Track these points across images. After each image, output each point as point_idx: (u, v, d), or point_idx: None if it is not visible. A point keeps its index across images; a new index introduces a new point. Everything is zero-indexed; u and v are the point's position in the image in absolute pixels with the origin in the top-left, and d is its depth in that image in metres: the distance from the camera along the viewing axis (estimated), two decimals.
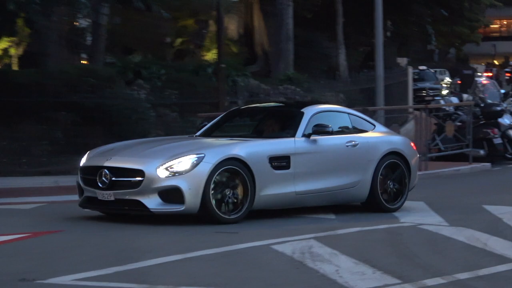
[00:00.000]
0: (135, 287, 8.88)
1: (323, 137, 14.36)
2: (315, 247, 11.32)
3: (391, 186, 14.97)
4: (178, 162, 12.92)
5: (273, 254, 10.98)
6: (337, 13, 36.94)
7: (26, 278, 9.27)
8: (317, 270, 9.89)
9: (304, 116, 14.46)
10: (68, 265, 10.08)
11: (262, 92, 27.39)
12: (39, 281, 9.17)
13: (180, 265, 10.21)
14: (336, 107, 16.56)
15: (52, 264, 10.20)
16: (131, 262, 10.19)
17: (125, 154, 13.67)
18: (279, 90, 27.80)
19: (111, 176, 13.01)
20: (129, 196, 12.97)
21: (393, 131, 17.42)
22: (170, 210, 13.01)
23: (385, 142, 15.17)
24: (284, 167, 13.73)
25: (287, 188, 13.80)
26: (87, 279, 9.29)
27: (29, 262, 10.35)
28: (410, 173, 15.16)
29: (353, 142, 14.68)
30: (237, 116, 16.65)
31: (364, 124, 15.39)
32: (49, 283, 9.11)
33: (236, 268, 10.08)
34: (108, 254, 10.89)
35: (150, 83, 25.03)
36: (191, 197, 12.83)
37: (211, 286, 8.94)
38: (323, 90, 29.96)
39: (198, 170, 12.85)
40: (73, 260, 10.49)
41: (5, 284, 9.02)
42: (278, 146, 14.01)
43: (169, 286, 8.88)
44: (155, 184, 12.86)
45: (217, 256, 10.80)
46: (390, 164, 14.94)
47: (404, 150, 15.22)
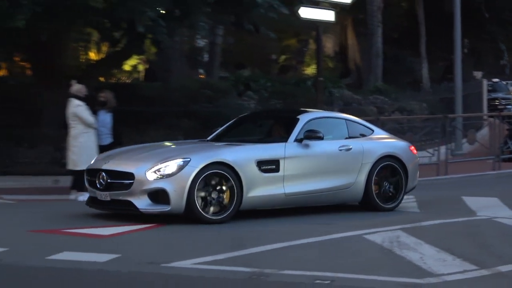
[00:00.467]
0: (245, 271, 8.90)
1: (316, 142, 13.56)
2: (402, 237, 11.25)
3: (387, 187, 14.12)
4: (166, 166, 12.41)
5: (365, 243, 10.96)
6: (420, 32, 36.61)
7: (153, 261, 9.42)
8: (404, 257, 9.85)
9: (299, 123, 13.69)
10: (188, 251, 10.20)
11: (354, 102, 27.30)
12: (164, 264, 9.29)
13: (284, 252, 10.23)
14: (333, 113, 15.77)
15: (174, 250, 10.33)
16: (242, 249, 10.27)
17: (122, 158, 13.29)
18: (369, 100, 27.67)
19: (107, 178, 12.65)
20: (122, 196, 12.56)
21: (394, 136, 15.88)
22: (158, 210, 12.46)
23: (380, 146, 14.22)
24: (273, 170, 13.02)
25: (276, 190, 13.04)
26: (204, 263, 9.39)
27: (156, 248, 10.54)
28: (407, 175, 14.25)
29: (347, 147, 13.84)
30: (245, 121, 15.88)
31: (361, 130, 14.47)
32: (173, 266, 9.22)
33: (332, 255, 10.07)
34: (221, 242, 10.95)
35: (258, 94, 25.19)
36: (176, 198, 12.27)
37: (311, 270, 8.89)
38: (408, 99, 29.72)
39: (183, 173, 12.29)
40: (192, 247, 10.62)
41: (136, 266, 9.20)
42: (267, 151, 13.26)
43: (274, 269, 8.89)
44: (144, 186, 12.39)
45: (315, 244, 10.80)
46: (386, 166, 14.07)
47: (400, 153, 14.30)
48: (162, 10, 16.40)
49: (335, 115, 15.35)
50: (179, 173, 12.26)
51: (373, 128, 14.78)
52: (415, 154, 14.91)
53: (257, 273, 8.79)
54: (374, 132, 14.57)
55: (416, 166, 14.86)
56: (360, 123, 14.73)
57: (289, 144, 13.33)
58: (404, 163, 14.20)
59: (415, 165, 14.73)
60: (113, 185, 12.61)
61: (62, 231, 11.81)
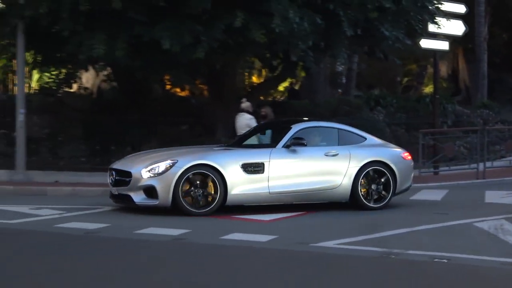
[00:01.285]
0: (377, 250, 8.80)
1: (304, 148, 12.77)
2: (505, 225, 10.85)
3: (374, 189, 13.00)
4: (157, 166, 11.99)
5: (474, 229, 10.63)
6: None
7: (303, 242, 9.43)
8: (507, 241, 9.55)
9: (290, 131, 12.92)
10: (330, 234, 10.14)
11: (464, 115, 26.58)
12: (312, 244, 9.30)
13: (408, 235, 10.07)
14: (327, 123, 14.25)
15: (319, 233, 10.27)
16: (375, 233, 10.15)
17: (130, 159, 13.05)
18: (476, 113, 26.79)
19: (115, 175, 12.45)
20: (124, 191, 12.26)
21: (388, 143, 14.60)
22: (149, 204, 12.02)
23: (368, 153, 13.10)
24: (258, 171, 12.23)
25: (260, 189, 12.29)
26: (344, 243, 9.33)
27: (305, 231, 10.52)
28: (396, 179, 13.10)
29: (333, 152, 12.87)
30: (260, 130, 15.00)
31: (353, 138, 13.38)
32: (318, 245, 9.20)
33: (447, 239, 9.82)
34: (356, 227, 10.83)
35: (386, 109, 24.82)
36: (163, 194, 11.78)
37: (430, 251, 8.73)
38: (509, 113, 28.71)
39: (170, 173, 11.84)
40: (333, 231, 10.54)
41: (290, 245, 9.20)
42: (253, 155, 12.53)
43: (401, 250, 8.77)
44: (139, 183, 12.02)
45: (433, 230, 10.57)
46: (373, 170, 12.98)
47: (388, 159, 13.12)
48: (311, 43, 16.38)
49: (328, 124, 13.97)
50: (167, 173, 11.88)
51: (366, 136, 13.64)
52: (407, 160, 13.59)
53: (387, 252, 8.67)
54: (367, 140, 13.52)
55: (407, 170, 13.56)
56: (353, 132, 13.61)
57: (276, 149, 12.63)
58: (392, 168, 13.09)
59: (406, 170, 13.46)
60: (119, 182, 12.38)
61: (232, 217, 11.96)
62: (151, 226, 10.50)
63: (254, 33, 15.61)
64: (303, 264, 8.14)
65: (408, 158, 13.65)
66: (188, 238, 9.64)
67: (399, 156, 13.50)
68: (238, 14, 15.38)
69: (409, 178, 13.69)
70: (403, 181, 13.40)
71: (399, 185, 13.27)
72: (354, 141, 13.36)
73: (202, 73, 17.49)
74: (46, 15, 15.61)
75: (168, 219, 11.40)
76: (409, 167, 13.72)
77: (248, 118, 16.22)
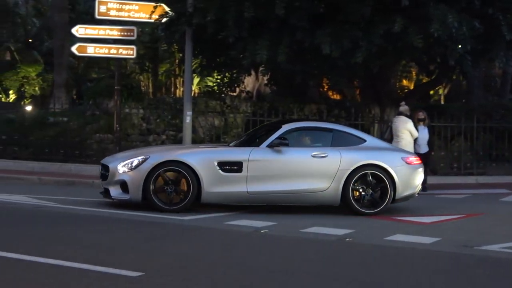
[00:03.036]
0: None
1: (290, 148, 12.09)
2: None
3: (369, 193, 12.12)
4: (131, 162, 11.77)
5: None
6: None
7: (467, 245, 9.38)
8: None
9: (278, 131, 12.30)
10: (494, 237, 10.05)
11: None
12: (476, 247, 9.24)
13: None
14: (319, 124, 13.53)
15: (483, 236, 10.20)
16: None
17: (118, 154, 13.02)
18: None
19: (102, 170, 12.37)
20: (105, 185, 12.14)
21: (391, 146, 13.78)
22: (122, 199, 11.79)
23: (362, 155, 12.15)
24: (236, 170, 11.70)
25: (238, 188, 11.73)
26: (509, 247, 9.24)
27: (467, 234, 10.41)
28: (394, 184, 12.09)
29: (322, 154, 12.05)
30: (257, 130, 14.49)
31: (350, 140, 12.42)
32: (482, 249, 9.15)
33: None
34: None
35: None
36: (134, 189, 11.59)
37: None
38: None
39: (141, 168, 11.57)
40: (497, 234, 10.42)
41: (454, 248, 9.19)
42: (231, 153, 12.05)
43: None
44: (114, 178, 11.85)
45: None
46: (368, 174, 12.06)
47: (386, 163, 12.10)
48: (469, 47, 16.11)
49: (321, 125, 13.17)
50: (138, 168, 11.69)
51: (366, 138, 12.69)
52: (412, 165, 12.48)
53: None
54: (366, 143, 12.55)
55: (411, 176, 12.43)
56: (350, 133, 12.67)
57: (258, 149, 12.05)
58: (389, 172, 12.12)
59: (408, 175, 12.37)
60: (103, 176, 12.33)
61: (393, 218, 12.00)
62: (316, 225, 10.74)
63: (412, 38, 15.57)
64: (469, 267, 8.13)
65: (413, 163, 12.55)
66: (354, 238, 9.81)
67: (400, 160, 12.41)
68: (397, 20, 15.43)
69: (413, 184, 12.51)
70: (405, 187, 12.31)
71: (400, 191, 12.23)
72: (351, 143, 12.45)
73: (359, 76, 17.58)
74: (213, 22, 16.25)
75: (332, 219, 11.61)
76: (414, 172, 12.54)
77: (406, 121, 16.19)
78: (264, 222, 10.95)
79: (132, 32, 18.38)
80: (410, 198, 12.73)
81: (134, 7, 18.22)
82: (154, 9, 17.84)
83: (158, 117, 20.46)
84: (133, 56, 18.81)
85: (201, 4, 16.65)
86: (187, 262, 7.83)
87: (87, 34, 18.52)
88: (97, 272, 7.07)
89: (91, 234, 9.38)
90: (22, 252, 7.80)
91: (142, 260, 7.75)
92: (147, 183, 11.58)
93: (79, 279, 6.77)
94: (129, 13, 18.21)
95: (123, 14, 18.19)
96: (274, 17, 15.78)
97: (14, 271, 7.04)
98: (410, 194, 12.53)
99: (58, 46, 28.47)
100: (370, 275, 7.52)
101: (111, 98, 20.46)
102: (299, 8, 15.78)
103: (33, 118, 22.09)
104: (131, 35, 18.40)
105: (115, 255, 7.99)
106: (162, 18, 17.89)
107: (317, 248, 9.16)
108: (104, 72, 39.51)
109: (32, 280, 6.70)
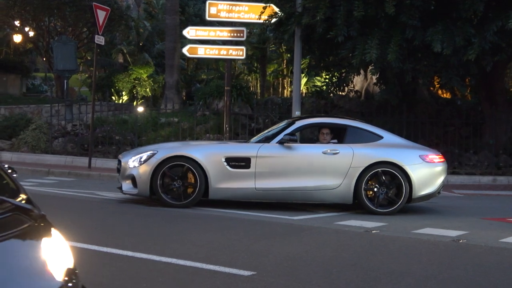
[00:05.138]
0: None
1: (300, 145, 11.99)
2: None
3: (383, 192, 11.67)
4: (140, 157, 11.64)
5: None
6: None
7: None
8: None
9: (291, 126, 12.07)
10: None
11: None
12: None
13: None
14: (334, 120, 12.78)
15: None
16: None
17: (133, 150, 12.96)
18: None
19: (118, 165, 12.31)
20: (119, 180, 12.09)
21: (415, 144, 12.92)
22: (132, 193, 11.78)
23: (377, 153, 11.70)
24: (243, 166, 11.50)
25: (246, 184, 11.52)
26: None
27: None
28: (411, 183, 11.61)
29: (334, 151, 11.71)
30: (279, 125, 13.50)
31: (365, 136, 11.98)
32: None
33: None
34: None
35: None
36: (141, 184, 11.54)
37: None
38: None
39: (149, 163, 11.50)
40: None
41: None
42: (240, 149, 11.84)
43: None
44: (126, 172, 11.74)
45: None
46: (383, 172, 11.61)
47: (402, 161, 11.63)
48: None
49: (336, 121, 12.64)
50: (146, 163, 11.58)
51: (383, 135, 12.16)
52: (432, 163, 11.93)
53: None
54: (383, 139, 12.05)
55: (430, 175, 11.89)
56: (366, 129, 12.18)
57: (268, 145, 11.79)
58: (405, 170, 11.64)
59: (427, 174, 11.84)
60: (118, 170, 12.31)
61: (508, 219, 11.62)
62: (427, 226, 10.52)
63: None
64: None
65: (433, 161, 12.01)
66: (468, 240, 9.53)
67: (418, 158, 11.88)
68: (511, 15, 14.94)
69: (432, 183, 11.99)
70: (423, 186, 11.84)
71: (417, 190, 11.77)
72: (366, 140, 12.03)
73: (472, 74, 17.12)
74: (322, 22, 16.20)
75: (443, 220, 11.36)
76: (434, 171, 12.01)
77: None
78: (374, 222, 10.80)
79: (242, 33, 18.55)
80: (431, 198, 12.27)
81: (243, 8, 18.39)
82: (264, 10, 17.95)
83: (266, 117, 20.56)
84: (242, 57, 18.97)
85: (310, 4, 16.63)
86: (299, 262, 7.79)
87: (197, 35, 18.83)
88: (209, 270, 7.14)
89: (204, 233, 9.49)
90: (138, 250, 7.98)
91: (253, 259, 7.77)
92: (154, 178, 11.60)
93: (192, 277, 6.85)
94: (239, 14, 18.40)
95: (233, 15, 18.39)
96: (384, 15, 15.60)
97: (132, 268, 7.20)
98: (429, 193, 12.03)
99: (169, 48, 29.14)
100: (487, 278, 7.28)
101: (221, 99, 20.73)
102: (409, 6, 15.54)
103: (146, 118, 22.63)
104: (241, 36, 18.58)
105: (226, 254, 8.04)
106: (271, 18, 17.97)
107: (430, 249, 8.94)
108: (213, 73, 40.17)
109: (148, 278, 6.83)
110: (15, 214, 4.16)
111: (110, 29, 35.74)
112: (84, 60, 43.52)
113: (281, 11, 17.94)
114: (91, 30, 33.76)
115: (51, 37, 35.59)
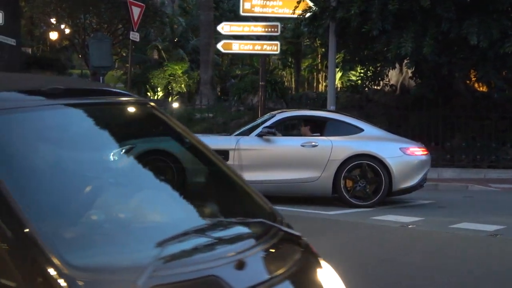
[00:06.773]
0: None
1: (279, 137, 11.86)
2: None
3: (362, 184, 11.51)
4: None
5: None
6: None
7: None
8: None
9: (270, 120, 11.99)
10: None
11: None
12: None
13: None
14: (314, 112, 12.89)
15: None
16: None
17: None
18: None
19: None
20: None
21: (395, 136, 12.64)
22: None
23: (355, 145, 11.56)
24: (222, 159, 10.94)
25: None
26: None
27: None
28: (390, 175, 11.41)
29: (312, 143, 11.57)
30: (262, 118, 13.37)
31: (346, 129, 11.80)
32: None
33: None
34: None
35: None
36: None
37: None
38: None
39: None
40: None
41: None
42: (218, 141, 11.50)
43: None
44: None
45: None
46: (362, 165, 11.47)
47: (381, 153, 11.46)
48: None
49: (316, 114, 12.64)
50: None
51: (363, 127, 11.95)
52: (412, 156, 11.77)
53: None
54: (364, 132, 11.84)
55: (410, 167, 11.70)
56: (347, 122, 12.00)
57: (247, 137, 11.72)
58: (385, 163, 11.45)
59: (407, 167, 11.67)
60: None
61: None
62: (464, 221, 10.45)
63: None
64: None
65: (414, 154, 11.86)
66: (505, 234, 9.47)
67: (398, 151, 11.73)
68: None
69: (413, 176, 11.81)
70: (403, 179, 11.67)
71: (397, 183, 11.60)
72: (347, 132, 11.86)
73: (509, 67, 16.96)
74: (356, 16, 16.17)
75: (480, 215, 11.27)
76: (414, 164, 11.85)
77: None
78: (410, 217, 10.77)
79: (276, 28, 18.55)
80: (412, 191, 12.14)
81: (278, 3, 18.39)
82: (298, 5, 17.92)
83: None
84: (277, 52, 18.99)
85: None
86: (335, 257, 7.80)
87: (232, 31, 18.89)
88: None
89: None
90: None
91: None
92: None
93: None
94: (273, 9, 18.41)
95: (267, 10, 18.41)
96: (419, 8, 15.54)
97: None
98: (410, 186, 11.90)
99: (204, 44, 29.26)
100: None
101: (255, 94, 20.78)
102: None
103: (181, 114, 22.77)
104: (275, 31, 18.59)
105: None
106: (305, 13, 17.97)
107: (466, 244, 8.91)
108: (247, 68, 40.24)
109: None
110: (287, 243, 3.36)
111: (145, 26, 35.95)
112: (119, 57, 43.88)
113: (315, 5, 17.92)
114: (126, 27, 33.99)
115: (87, 34, 35.95)
